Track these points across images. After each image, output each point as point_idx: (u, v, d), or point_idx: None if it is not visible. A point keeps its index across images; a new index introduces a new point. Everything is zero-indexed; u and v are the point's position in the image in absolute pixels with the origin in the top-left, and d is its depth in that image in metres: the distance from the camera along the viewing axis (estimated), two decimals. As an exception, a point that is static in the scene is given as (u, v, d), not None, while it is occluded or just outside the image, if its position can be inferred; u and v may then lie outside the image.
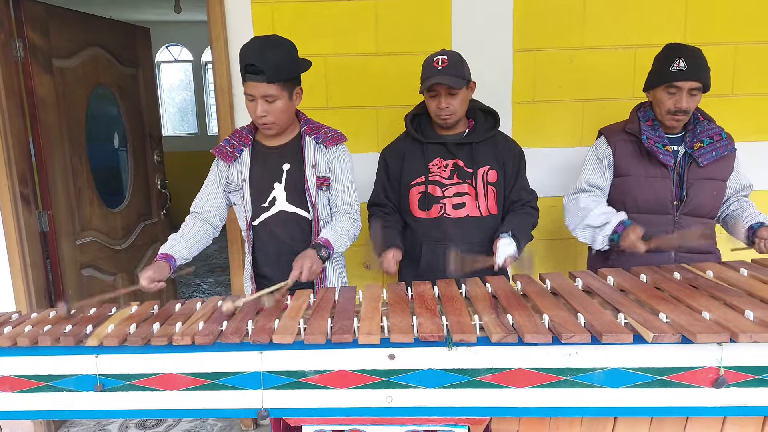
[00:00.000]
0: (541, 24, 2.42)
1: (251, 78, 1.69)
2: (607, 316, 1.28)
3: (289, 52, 1.75)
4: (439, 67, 1.82)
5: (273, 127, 1.78)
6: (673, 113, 1.84)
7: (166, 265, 1.71)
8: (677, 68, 1.79)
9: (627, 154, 1.94)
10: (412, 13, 2.41)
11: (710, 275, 1.56)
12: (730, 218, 1.97)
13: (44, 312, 1.59)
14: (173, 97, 7.80)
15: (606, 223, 1.87)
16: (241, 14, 2.41)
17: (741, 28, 2.41)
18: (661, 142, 1.89)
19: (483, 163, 1.93)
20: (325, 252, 1.73)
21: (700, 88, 1.81)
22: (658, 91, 1.86)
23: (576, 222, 1.97)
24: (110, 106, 3.10)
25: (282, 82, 1.71)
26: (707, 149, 1.88)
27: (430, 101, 1.90)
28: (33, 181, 2.63)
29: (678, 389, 1.23)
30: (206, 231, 1.90)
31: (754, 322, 1.21)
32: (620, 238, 1.82)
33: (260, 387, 1.31)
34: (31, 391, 1.36)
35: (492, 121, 2.00)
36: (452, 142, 1.93)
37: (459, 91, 1.84)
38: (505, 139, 2.01)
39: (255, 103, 1.73)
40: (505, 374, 1.26)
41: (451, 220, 1.93)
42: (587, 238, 1.95)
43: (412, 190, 1.97)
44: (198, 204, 1.93)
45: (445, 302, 1.44)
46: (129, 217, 3.18)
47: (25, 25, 2.53)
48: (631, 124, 1.95)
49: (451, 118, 1.89)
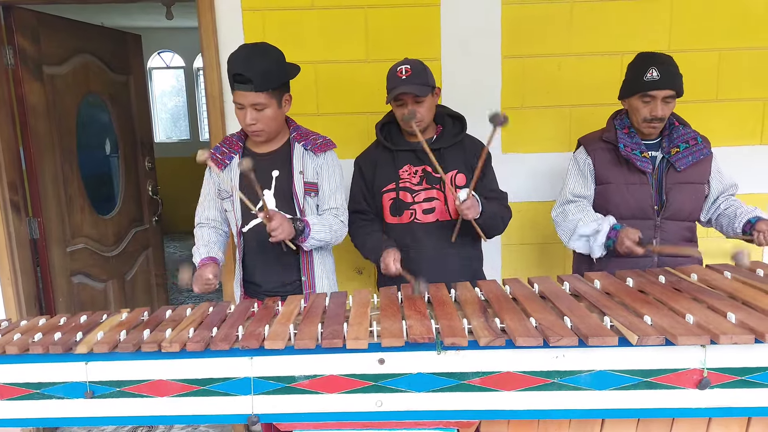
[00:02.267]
0: (529, 31, 2.45)
1: (239, 87, 1.70)
2: (593, 320, 1.30)
3: (277, 59, 1.76)
4: (402, 76, 1.85)
5: (262, 134, 1.80)
6: (649, 121, 1.88)
7: (215, 264, 1.79)
8: (651, 78, 1.82)
9: (606, 163, 1.97)
10: (401, 20, 2.44)
11: (694, 278, 1.58)
12: (723, 217, 2.00)
13: (34, 319, 1.59)
14: (165, 103, 7.78)
15: (597, 231, 1.89)
16: (232, 22, 2.42)
17: (725, 34, 2.45)
18: (638, 148, 1.92)
19: (450, 167, 1.96)
20: (300, 224, 1.74)
21: (673, 96, 1.85)
22: (633, 99, 1.90)
23: (568, 234, 1.99)
24: (101, 113, 3.10)
25: (271, 90, 1.72)
26: (684, 154, 1.91)
27: (397, 110, 1.93)
28: (23, 188, 2.63)
29: (663, 391, 1.25)
30: (220, 235, 1.95)
31: (735, 324, 1.23)
32: (614, 243, 1.84)
33: (250, 393, 1.31)
34: (20, 399, 1.36)
35: (460, 126, 2.03)
36: (421, 149, 1.95)
37: (425, 98, 1.87)
38: (473, 142, 2.03)
39: (244, 111, 1.74)
40: (494, 377, 1.27)
41: (421, 225, 1.96)
42: (583, 248, 1.96)
43: (384, 196, 2.00)
44: (202, 215, 1.95)
45: (436, 306, 1.45)
46: (120, 223, 3.18)
47: (15, 33, 2.53)
48: (608, 133, 1.99)
49: (419, 126, 1.91)
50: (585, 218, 1.93)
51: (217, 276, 1.75)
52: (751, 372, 1.23)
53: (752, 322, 1.22)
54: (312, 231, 1.77)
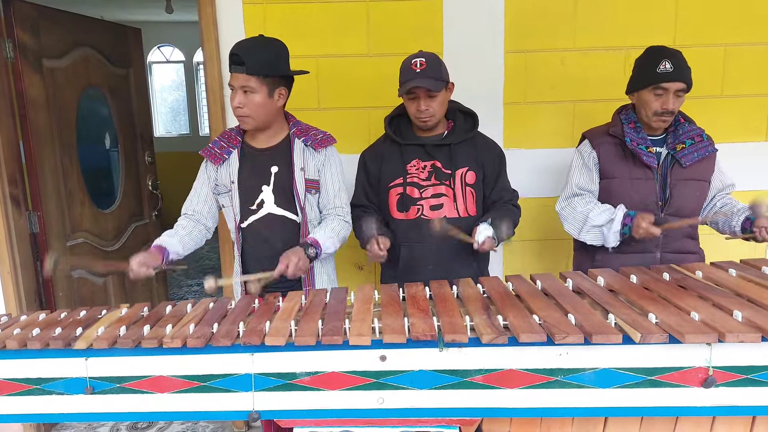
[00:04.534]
0: (533, 25, 2.43)
1: (234, 69, 1.74)
2: (596, 317, 1.28)
3: (277, 50, 1.78)
4: (417, 69, 1.82)
5: (248, 120, 1.79)
6: (659, 114, 1.86)
7: (158, 255, 1.72)
8: (664, 69, 1.80)
9: (611, 157, 1.96)
10: (403, 14, 2.42)
11: (699, 275, 1.57)
12: (719, 215, 1.99)
13: (33, 314, 1.58)
14: (165, 98, 7.75)
15: (611, 220, 1.88)
16: (233, 15, 2.40)
17: (730, 30, 2.43)
18: (644, 143, 1.91)
19: (461, 164, 1.93)
20: (312, 251, 1.73)
21: (684, 89, 1.84)
22: (644, 93, 1.88)
23: (578, 226, 1.98)
24: (101, 106, 3.08)
25: (262, 77, 1.73)
26: (689, 150, 1.90)
27: (409, 104, 1.90)
28: (23, 182, 2.61)
29: (668, 389, 1.24)
30: (200, 231, 1.90)
31: (741, 322, 1.22)
32: (631, 229, 1.83)
33: (251, 389, 1.30)
34: (20, 395, 1.35)
35: (471, 122, 2.00)
36: (430, 144, 1.94)
37: (438, 93, 1.85)
38: (485, 141, 2.01)
39: (235, 93, 1.76)
40: (497, 375, 1.26)
41: (428, 222, 1.93)
42: (596, 239, 1.95)
43: (390, 191, 1.97)
44: (189, 206, 1.92)
45: (438, 303, 1.44)
46: (120, 218, 3.17)
47: (15, 26, 2.51)
48: (614, 127, 1.97)
49: (430, 120, 1.89)
50: (596, 209, 1.92)
51: (146, 266, 1.67)
52: (756, 371, 1.22)
53: (759, 320, 1.21)
54: (323, 250, 1.77)
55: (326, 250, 1.79)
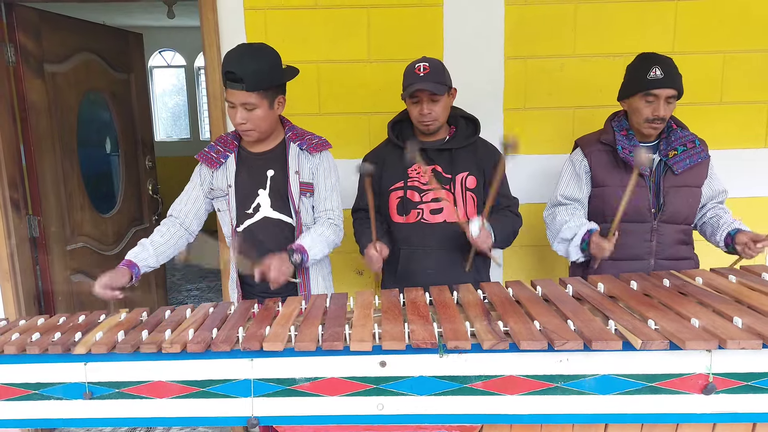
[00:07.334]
0: (532, 32, 2.44)
1: (231, 86, 1.69)
2: (596, 323, 1.28)
3: (271, 60, 1.74)
4: (420, 74, 1.84)
5: (252, 134, 1.79)
6: (650, 121, 1.86)
7: (127, 273, 1.68)
8: (654, 76, 1.81)
9: (603, 165, 1.96)
10: (404, 20, 2.43)
11: (699, 282, 1.57)
12: (707, 226, 2.00)
13: (32, 319, 1.58)
14: (166, 102, 7.78)
15: (575, 235, 1.89)
16: (234, 21, 2.41)
17: (729, 37, 2.44)
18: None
19: (461, 169, 1.94)
20: (297, 257, 1.73)
21: (675, 96, 1.84)
22: (634, 99, 1.88)
23: (553, 236, 2.01)
24: (102, 111, 3.09)
25: (262, 91, 1.70)
26: (681, 157, 1.90)
27: (412, 108, 1.92)
28: (23, 186, 2.61)
29: (668, 396, 1.24)
30: (180, 237, 1.86)
31: (742, 329, 1.22)
32: (588, 245, 1.83)
33: (250, 395, 1.30)
34: (18, 400, 1.35)
35: (473, 128, 2.01)
36: (431, 148, 1.95)
37: (441, 97, 1.86)
38: (486, 146, 2.02)
39: (235, 110, 1.73)
40: (497, 381, 1.26)
41: (428, 226, 1.94)
42: (563, 252, 1.97)
43: (391, 195, 1.98)
44: (176, 207, 1.91)
45: (439, 309, 1.44)
46: (120, 222, 3.17)
47: (17, 30, 2.52)
48: (606, 135, 1.97)
49: (433, 125, 1.91)
50: (570, 223, 1.93)
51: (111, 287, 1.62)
52: (757, 377, 1.22)
53: (759, 326, 1.21)
54: (309, 256, 1.76)
55: (313, 256, 1.78)
